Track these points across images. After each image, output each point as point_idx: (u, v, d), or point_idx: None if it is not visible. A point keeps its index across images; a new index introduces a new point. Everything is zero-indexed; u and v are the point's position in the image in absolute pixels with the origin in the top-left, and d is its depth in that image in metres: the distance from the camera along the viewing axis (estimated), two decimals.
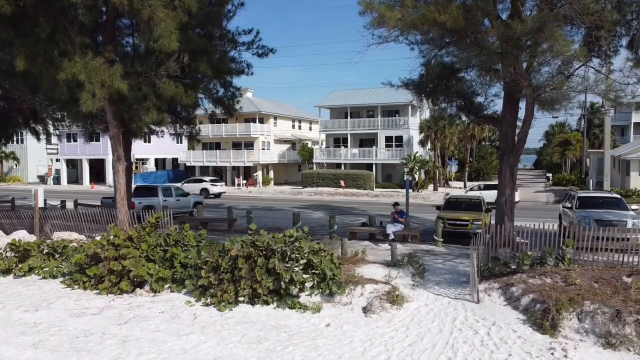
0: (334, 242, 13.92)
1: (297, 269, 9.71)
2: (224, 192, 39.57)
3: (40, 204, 15.29)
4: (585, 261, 10.82)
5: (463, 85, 15.30)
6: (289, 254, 9.85)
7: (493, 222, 17.54)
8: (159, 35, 11.76)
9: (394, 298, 9.39)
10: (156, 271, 10.58)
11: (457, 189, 42.17)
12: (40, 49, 12.89)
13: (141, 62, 14.06)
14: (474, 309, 9.27)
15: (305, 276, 9.76)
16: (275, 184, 50.93)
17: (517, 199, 21.88)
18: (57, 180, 52.97)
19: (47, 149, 55.24)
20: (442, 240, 15.69)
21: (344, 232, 17.58)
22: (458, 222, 16.56)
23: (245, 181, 46.90)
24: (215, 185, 38.82)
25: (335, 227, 17.24)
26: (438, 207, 18.44)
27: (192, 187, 36.17)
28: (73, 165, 54.59)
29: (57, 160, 54.58)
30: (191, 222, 19.90)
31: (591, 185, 34.94)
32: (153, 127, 18.68)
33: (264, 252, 9.99)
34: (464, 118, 23.39)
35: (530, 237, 11.81)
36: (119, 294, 10.38)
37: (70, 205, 23.66)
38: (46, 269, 11.97)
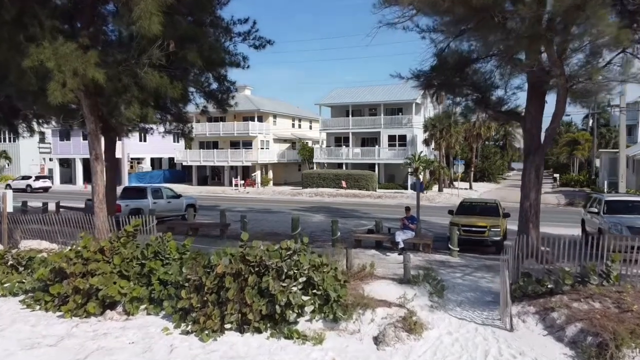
0: (338, 250, 12.36)
1: (295, 289, 8.17)
2: None
3: (10, 209, 13.73)
4: (630, 276, 9.22)
5: (481, 77, 13.73)
6: (285, 270, 8.31)
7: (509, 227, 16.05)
8: (137, 16, 10.22)
9: (411, 325, 7.83)
10: (130, 289, 9.02)
11: (463, 190, 40.60)
12: (5, 32, 11.39)
13: (121, 49, 12.53)
14: (507, 339, 7.71)
15: (304, 298, 8.21)
16: (274, 184, 49.34)
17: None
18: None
19: (39, 148, 53.75)
20: (457, 249, 14.08)
21: (348, 237, 16.04)
22: (474, 229, 14.87)
23: (242, 181, 45.27)
24: None
25: (339, 233, 15.69)
26: (451, 212, 16.81)
27: None
28: (67, 164, 52.98)
29: (50, 159, 53.02)
30: (181, 228, 18.41)
31: (605, 186, 33.28)
32: (141, 124, 17.16)
33: (256, 269, 8.45)
34: (476, 115, 21.74)
35: (558, 248, 10.15)
36: (85, 317, 8.81)
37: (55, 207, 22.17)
38: (6, 285, 10.42)
